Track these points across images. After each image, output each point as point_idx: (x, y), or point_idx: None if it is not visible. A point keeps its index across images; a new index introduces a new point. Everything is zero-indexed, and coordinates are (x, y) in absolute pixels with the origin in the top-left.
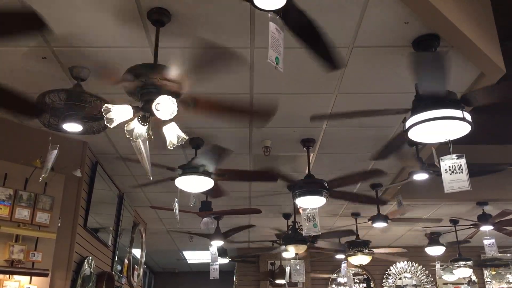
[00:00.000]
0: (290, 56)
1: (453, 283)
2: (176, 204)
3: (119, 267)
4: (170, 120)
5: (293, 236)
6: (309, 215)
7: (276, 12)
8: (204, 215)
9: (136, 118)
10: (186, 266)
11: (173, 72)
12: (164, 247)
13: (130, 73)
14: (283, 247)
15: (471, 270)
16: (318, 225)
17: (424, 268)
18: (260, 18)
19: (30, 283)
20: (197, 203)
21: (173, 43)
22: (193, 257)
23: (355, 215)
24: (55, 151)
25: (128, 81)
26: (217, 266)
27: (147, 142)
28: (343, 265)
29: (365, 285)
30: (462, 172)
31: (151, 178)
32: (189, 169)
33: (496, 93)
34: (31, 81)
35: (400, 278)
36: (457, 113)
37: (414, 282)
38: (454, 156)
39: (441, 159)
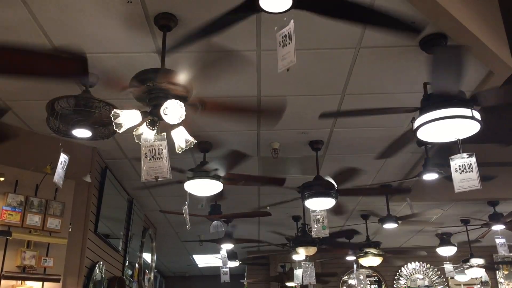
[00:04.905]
0: (297, 58)
1: (465, 284)
2: (186, 208)
3: (130, 272)
4: (178, 124)
5: (303, 238)
6: (317, 217)
7: (282, 14)
8: (214, 218)
9: (145, 123)
10: (196, 270)
11: (181, 76)
12: (174, 251)
13: (137, 78)
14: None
15: (484, 270)
16: (327, 227)
17: (436, 269)
18: (266, 21)
19: None
20: (206, 207)
21: (180, 48)
22: (203, 261)
23: (365, 216)
24: (67, 158)
25: (135, 87)
26: (227, 270)
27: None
28: (355, 266)
29: (376, 286)
30: (472, 171)
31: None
32: (198, 172)
33: (505, 94)
34: (40, 88)
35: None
36: (466, 111)
37: (426, 283)
38: (464, 155)
39: (451, 159)
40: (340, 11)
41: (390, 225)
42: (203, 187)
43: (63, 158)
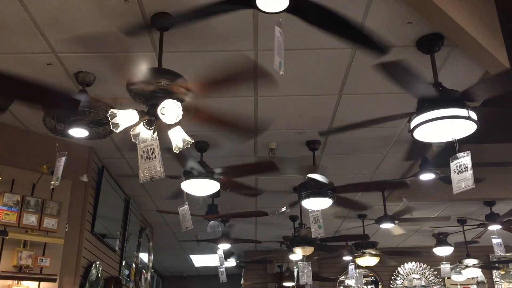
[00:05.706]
0: (293, 58)
1: (461, 284)
2: (186, 207)
3: (126, 272)
4: (176, 124)
5: (300, 238)
6: (314, 216)
7: (278, 14)
8: (211, 218)
9: (142, 123)
10: (193, 270)
11: (179, 76)
12: (171, 251)
13: (135, 77)
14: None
15: (480, 270)
16: (322, 226)
17: (432, 269)
18: (263, 21)
19: None
20: (203, 206)
21: (177, 47)
22: (200, 260)
23: (362, 216)
24: (64, 158)
25: (133, 86)
26: (224, 269)
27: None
28: (351, 266)
29: (373, 286)
30: (467, 170)
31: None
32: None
33: (496, 85)
34: None
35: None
36: (463, 112)
37: (423, 283)
38: (460, 154)
39: (451, 160)
40: (331, 26)
41: (386, 225)
42: (201, 187)
43: (62, 160)
